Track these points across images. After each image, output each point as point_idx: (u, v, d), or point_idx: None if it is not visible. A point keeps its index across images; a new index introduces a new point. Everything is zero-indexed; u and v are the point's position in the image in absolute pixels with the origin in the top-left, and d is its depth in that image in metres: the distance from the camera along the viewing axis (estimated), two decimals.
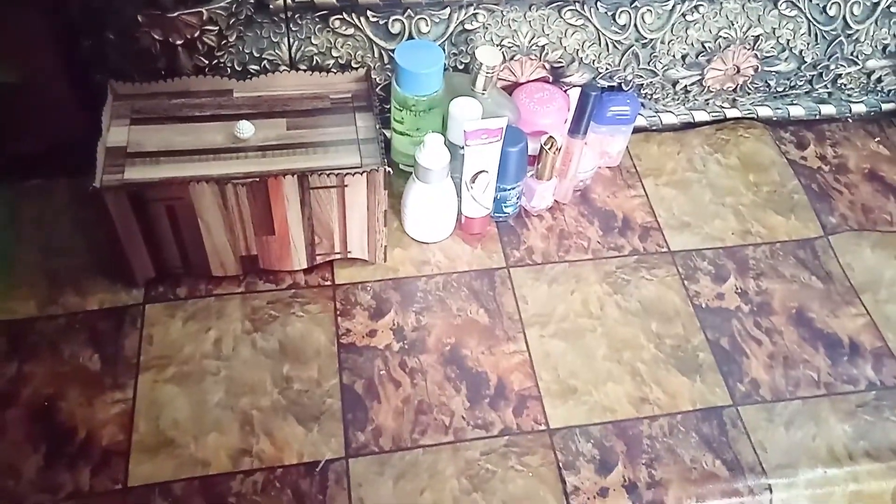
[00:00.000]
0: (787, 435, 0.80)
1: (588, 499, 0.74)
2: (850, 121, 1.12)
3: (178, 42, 0.82)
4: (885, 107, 1.12)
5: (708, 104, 1.07)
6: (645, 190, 1.01)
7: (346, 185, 0.80)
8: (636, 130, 1.05)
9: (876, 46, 1.02)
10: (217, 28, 0.83)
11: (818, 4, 0.97)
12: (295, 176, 0.78)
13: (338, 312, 0.86)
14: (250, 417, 0.77)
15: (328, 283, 0.88)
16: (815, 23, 0.98)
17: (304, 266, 0.88)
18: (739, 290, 0.91)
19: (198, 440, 0.76)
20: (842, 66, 1.04)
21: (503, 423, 0.79)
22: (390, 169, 0.80)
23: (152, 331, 0.83)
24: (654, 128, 1.07)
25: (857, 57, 1.03)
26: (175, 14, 0.80)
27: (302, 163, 0.80)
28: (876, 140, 1.10)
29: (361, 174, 0.79)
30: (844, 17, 0.98)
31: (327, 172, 0.78)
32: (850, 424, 0.81)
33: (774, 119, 1.10)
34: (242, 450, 0.75)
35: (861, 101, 1.11)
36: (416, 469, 0.75)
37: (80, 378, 0.79)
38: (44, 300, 0.84)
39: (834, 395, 0.83)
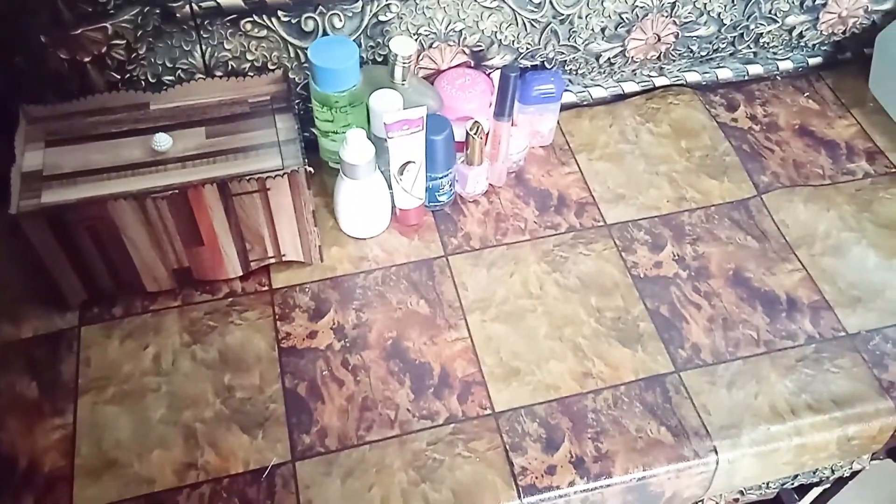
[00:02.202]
0: (730, 396, 0.81)
1: (536, 478, 0.75)
2: (779, 78, 1.12)
3: (86, 59, 0.81)
4: (811, 61, 1.13)
5: (636, 74, 1.07)
6: (579, 166, 1.01)
7: (269, 189, 0.79)
8: (568, 107, 1.06)
9: (793, 2, 1.03)
10: (125, 41, 0.82)
11: None
12: (214, 184, 0.77)
13: (277, 317, 0.85)
14: (194, 430, 0.77)
15: (265, 288, 0.88)
16: None
17: (240, 273, 0.87)
18: (677, 257, 0.92)
19: (142, 458, 0.75)
20: (762, 24, 1.04)
21: (448, 411, 0.79)
22: (311, 168, 0.79)
23: (89, 353, 0.82)
24: (584, 103, 1.07)
25: (775, 14, 1.03)
26: (78, 31, 0.79)
27: (223, 170, 0.79)
28: (805, 95, 1.11)
29: (282, 176, 0.78)
30: None
31: (247, 178, 0.78)
32: (791, 379, 0.82)
33: (704, 84, 1.10)
34: (187, 463, 0.75)
35: (787, 58, 1.11)
36: (364, 465, 0.75)
37: (18, 407, 0.78)
38: None
39: (774, 352, 0.84)
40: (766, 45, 1.08)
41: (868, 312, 0.88)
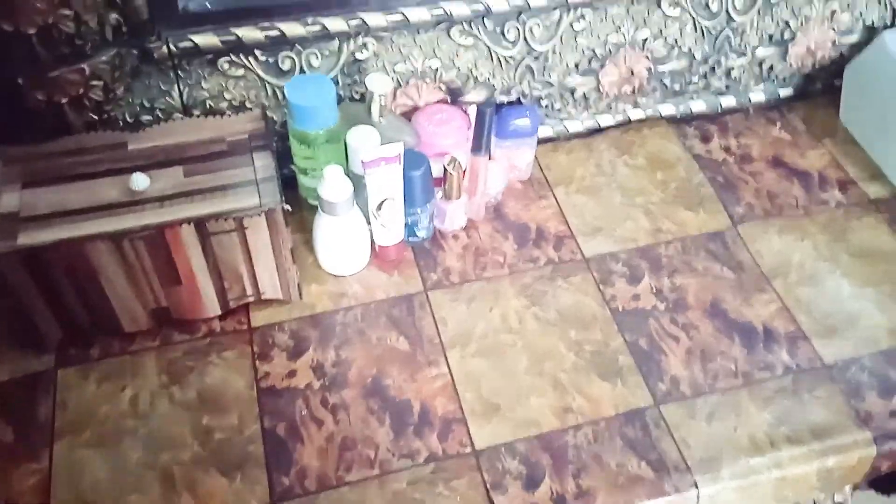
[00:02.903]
0: (710, 429, 0.81)
1: None
2: (751, 111, 1.14)
3: (64, 100, 0.81)
4: (782, 92, 1.15)
5: (611, 108, 1.09)
6: (556, 199, 1.02)
7: (247, 228, 0.79)
8: (545, 141, 1.07)
9: (762, 36, 1.05)
10: (102, 82, 0.82)
11: (701, 1, 0.99)
12: (192, 224, 0.77)
13: (256, 356, 0.85)
14: (171, 473, 0.76)
15: (244, 327, 0.87)
16: (699, 19, 1.00)
17: (219, 312, 0.87)
18: (654, 289, 0.93)
19: (119, 503, 0.74)
20: (732, 58, 1.06)
21: (428, 449, 0.79)
22: (289, 206, 0.80)
23: (66, 395, 0.81)
24: (561, 137, 1.08)
25: (745, 48, 1.05)
26: (56, 73, 0.79)
27: (201, 209, 0.79)
28: (777, 126, 1.13)
29: (260, 215, 0.79)
30: (727, 11, 1.01)
31: (224, 217, 0.78)
32: (770, 411, 0.82)
33: (678, 116, 1.12)
34: None
35: (759, 90, 1.13)
36: None
37: None
38: None
39: (752, 384, 0.85)
40: (737, 78, 1.10)
41: (844, 342, 0.89)
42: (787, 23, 1.04)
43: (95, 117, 0.84)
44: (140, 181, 0.80)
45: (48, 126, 0.83)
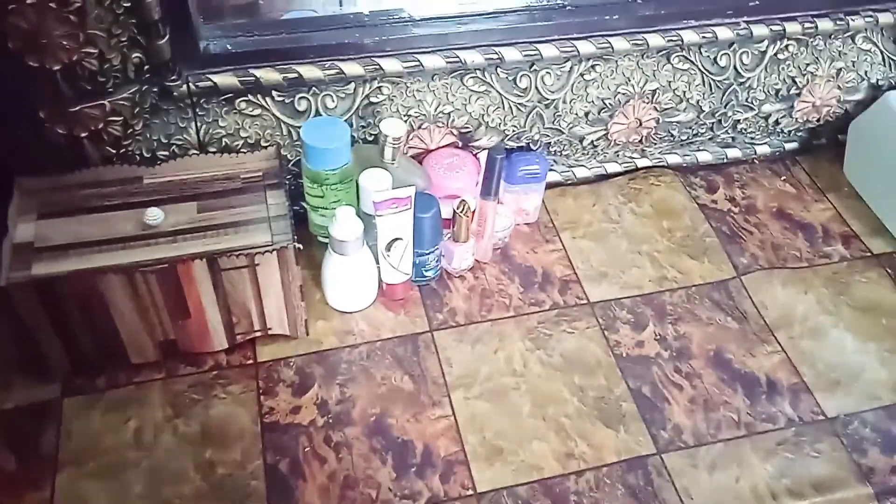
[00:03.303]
0: (711, 479, 0.81)
1: None
2: (756, 162, 1.16)
3: (83, 135, 0.83)
4: (787, 146, 1.16)
5: (618, 156, 1.10)
6: (563, 243, 1.03)
7: (258, 264, 0.81)
8: (552, 185, 1.08)
9: (769, 91, 1.07)
10: (122, 118, 0.84)
11: (709, 56, 1.01)
12: (204, 259, 0.78)
13: (261, 391, 0.86)
14: None
15: (250, 361, 0.88)
16: (707, 73, 1.02)
17: (225, 346, 0.88)
18: (658, 337, 0.93)
19: None
20: (739, 112, 1.08)
21: (430, 491, 0.79)
22: (300, 245, 0.81)
23: (70, 426, 0.82)
24: (568, 182, 1.10)
25: (752, 103, 1.07)
26: (77, 108, 0.80)
27: (213, 245, 0.81)
28: (782, 179, 1.14)
29: (271, 252, 0.80)
30: (735, 67, 1.03)
31: (236, 253, 0.79)
32: (772, 463, 0.83)
33: (684, 165, 1.14)
34: None
35: (764, 143, 1.15)
36: None
37: None
38: None
39: (754, 435, 0.85)
40: (743, 131, 1.12)
41: (847, 396, 0.89)
42: (793, 79, 1.06)
43: (113, 151, 0.86)
44: (155, 215, 0.82)
45: (66, 159, 0.85)
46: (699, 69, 1.02)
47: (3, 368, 0.85)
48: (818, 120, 1.13)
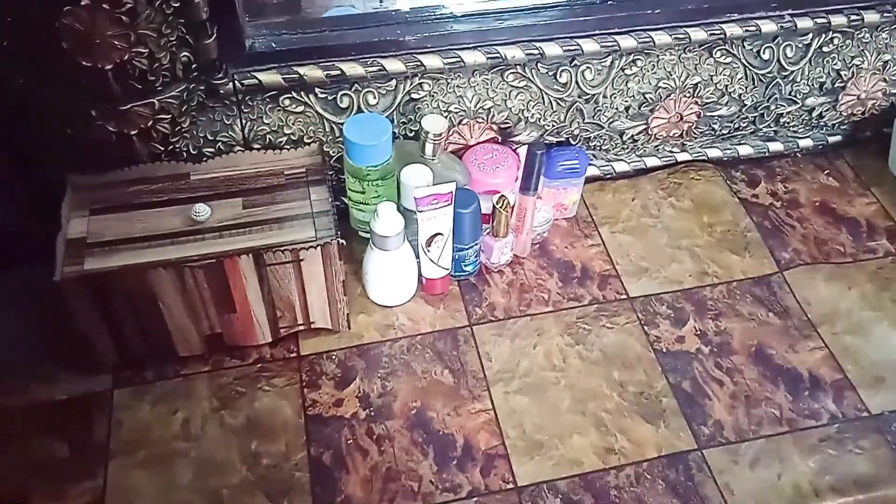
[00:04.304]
0: (753, 475, 0.81)
1: None
2: (799, 156, 1.14)
3: (133, 132, 0.85)
4: (831, 140, 1.15)
5: (658, 150, 1.10)
6: (602, 238, 1.03)
7: (302, 260, 0.82)
8: (591, 180, 1.08)
9: (812, 85, 1.06)
10: (170, 116, 0.85)
11: (752, 50, 1.00)
12: (250, 255, 0.80)
13: (304, 384, 0.87)
14: (220, 497, 0.78)
15: (294, 354, 0.90)
16: (750, 67, 1.01)
17: (269, 340, 0.89)
18: (699, 332, 0.93)
19: None
20: (782, 105, 1.07)
21: (471, 484, 0.80)
22: (343, 240, 0.82)
23: (121, 416, 0.84)
24: (607, 176, 1.10)
25: (795, 96, 1.06)
26: (127, 106, 0.82)
27: (258, 240, 0.82)
28: (825, 172, 1.13)
29: (315, 248, 0.81)
30: (779, 60, 1.02)
31: (282, 249, 0.80)
32: (814, 460, 0.82)
33: (725, 159, 1.13)
34: None
35: (807, 137, 1.14)
36: None
37: (49, 469, 0.80)
38: (6, 392, 0.85)
39: (797, 432, 0.84)
40: (786, 125, 1.10)
41: (891, 392, 0.88)
42: (838, 72, 1.05)
43: (161, 148, 0.88)
44: (202, 211, 0.83)
45: (116, 156, 0.87)
46: (742, 63, 1.01)
47: (54, 360, 0.87)
48: (863, 113, 1.12)
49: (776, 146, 1.13)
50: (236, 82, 0.86)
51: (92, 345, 0.84)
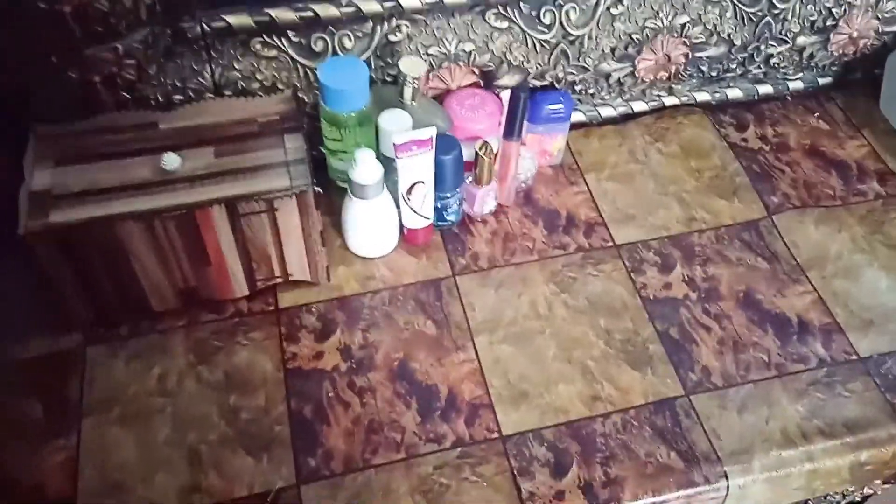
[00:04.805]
0: (741, 420, 0.80)
1: (544, 503, 0.74)
2: (789, 99, 1.12)
3: (97, 79, 0.81)
4: (821, 81, 1.12)
5: (645, 94, 1.07)
6: (588, 185, 1.01)
7: (277, 209, 0.79)
8: (576, 126, 1.05)
9: (804, 23, 1.02)
10: (135, 62, 0.82)
11: None
12: (222, 205, 0.77)
13: (283, 337, 0.85)
14: (198, 453, 0.76)
15: (272, 308, 0.87)
16: (740, 5, 0.98)
17: (246, 293, 0.87)
18: (686, 279, 0.91)
19: (146, 481, 0.74)
20: (772, 45, 1.04)
21: (455, 434, 0.78)
22: (319, 189, 0.79)
23: (94, 373, 0.82)
24: (593, 122, 1.07)
25: (786, 35, 1.03)
26: (89, 51, 0.79)
27: (231, 190, 0.79)
28: (815, 115, 1.10)
29: (290, 196, 0.78)
30: None
31: (255, 198, 0.78)
32: (803, 404, 0.81)
33: (713, 103, 1.10)
34: (191, 486, 0.74)
35: (797, 78, 1.11)
36: (369, 490, 0.74)
37: (23, 428, 0.78)
38: None
39: (785, 376, 0.83)
40: (776, 66, 1.07)
41: (880, 336, 0.87)
42: (830, 10, 1.02)
43: (127, 96, 0.84)
44: (172, 160, 0.80)
45: (80, 104, 0.83)
46: (731, 1, 0.97)
47: (25, 318, 0.85)
48: (854, 53, 1.09)
49: (766, 89, 1.10)
50: (204, 25, 0.83)
51: (63, 301, 0.81)
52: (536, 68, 0.97)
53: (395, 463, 0.76)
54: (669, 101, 1.08)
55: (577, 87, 1.02)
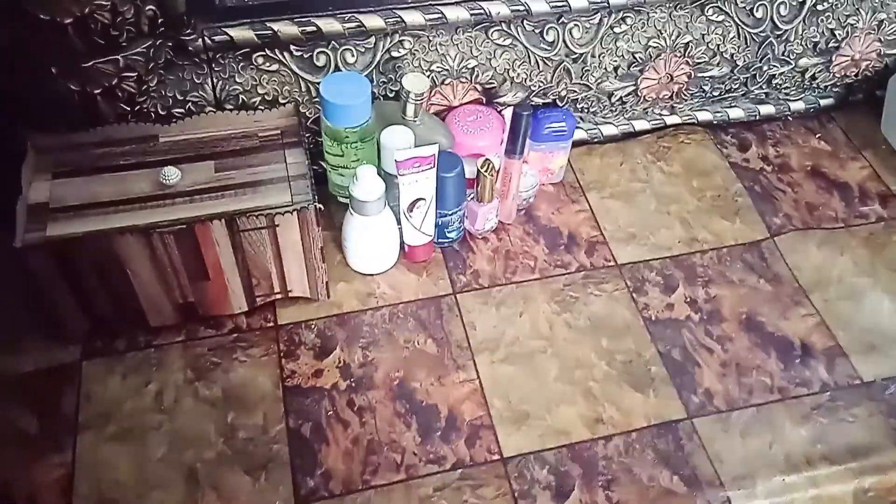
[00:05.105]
0: (744, 444, 0.79)
1: None
2: (790, 119, 1.12)
3: (96, 91, 0.80)
4: (823, 102, 1.12)
5: (647, 113, 1.07)
6: (589, 204, 1.00)
7: (278, 225, 0.78)
8: (578, 144, 1.05)
9: (806, 45, 1.02)
10: (136, 74, 0.81)
11: (745, 7, 0.97)
12: (222, 220, 0.76)
13: (282, 354, 0.84)
14: (195, 471, 0.75)
15: (271, 324, 0.86)
16: (743, 26, 0.98)
17: (245, 309, 0.86)
18: (689, 300, 0.91)
19: (141, 499, 0.73)
20: (774, 66, 1.04)
21: (456, 455, 0.77)
22: (321, 205, 0.78)
23: (90, 388, 0.81)
24: (595, 140, 1.07)
25: (788, 56, 1.03)
26: (90, 63, 0.78)
27: (232, 205, 0.79)
28: (817, 136, 1.10)
29: (291, 213, 0.77)
30: (772, 19, 0.98)
31: (256, 214, 0.77)
32: (806, 428, 0.80)
33: (715, 123, 1.10)
34: None
35: (799, 99, 1.11)
36: None
37: (18, 442, 0.76)
38: None
39: (788, 400, 0.82)
40: (778, 87, 1.07)
41: (884, 359, 0.86)
42: (832, 32, 1.02)
43: (127, 109, 0.84)
44: (171, 174, 0.80)
45: (80, 117, 0.82)
46: (734, 21, 0.97)
47: (21, 331, 0.84)
48: (856, 74, 1.09)
49: (767, 109, 1.10)
50: (206, 38, 0.82)
51: (60, 314, 0.80)
52: (539, 86, 0.97)
53: (394, 484, 0.75)
54: (671, 120, 1.08)
55: (580, 105, 1.02)
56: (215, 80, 0.86)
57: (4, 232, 0.74)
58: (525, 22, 0.91)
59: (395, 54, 0.89)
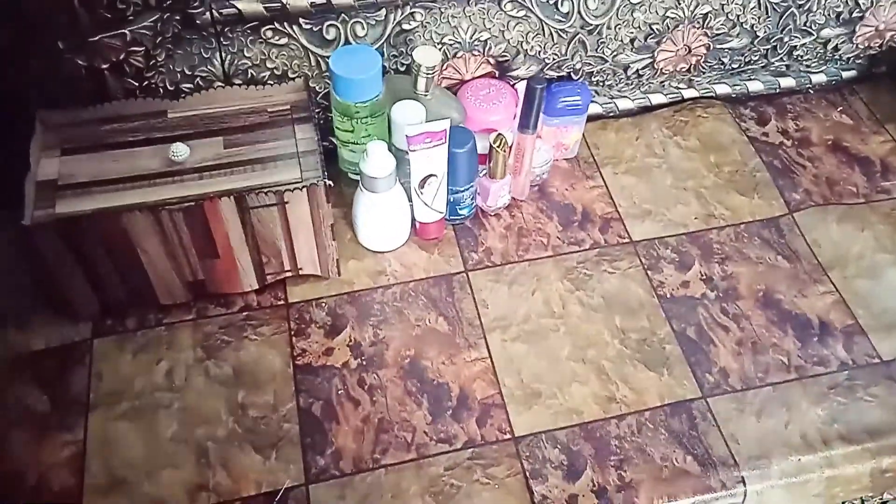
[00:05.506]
0: (759, 424, 0.78)
1: None
2: (811, 92, 1.09)
3: (104, 66, 0.79)
4: (845, 75, 1.09)
5: (664, 86, 1.04)
6: (604, 179, 0.98)
7: (287, 202, 0.77)
8: (593, 118, 1.03)
9: (829, 14, 0.99)
10: (143, 49, 0.80)
11: None
12: (232, 197, 0.75)
13: (292, 332, 0.83)
14: (206, 449, 0.75)
15: (281, 302, 0.86)
16: None
17: (255, 287, 0.85)
18: (704, 277, 0.89)
19: (152, 478, 0.73)
20: (796, 37, 1.01)
21: (467, 434, 0.77)
22: (331, 182, 0.77)
23: (101, 366, 0.80)
24: (610, 114, 1.05)
25: (810, 27, 1.00)
26: (96, 38, 0.77)
27: (241, 182, 0.78)
28: (838, 109, 1.08)
29: (301, 189, 0.76)
30: None
31: (265, 191, 0.76)
32: (823, 408, 0.79)
33: (733, 96, 1.07)
34: (198, 484, 0.73)
35: (820, 71, 1.08)
36: (379, 490, 0.73)
37: (29, 421, 0.77)
38: None
39: (805, 379, 0.81)
40: (799, 58, 1.05)
41: None
42: (856, 1, 0.98)
43: (135, 84, 0.83)
44: (181, 151, 0.79)
45: (88, 92, 0.81)
46: None
47: (31, 309, 0.84)
48: (880, 46, 1.06)
49: (788, 82, 1.07)
50: (214, 12, 0.80)
51: (69, 293, 0.80)
52: (553, 58, 0.94)
53: (405, 463, 0.74)
54: (689, 93, 1.06)
55: (595, 78, 0.99)
56: (224, 55, 0.85)
57: (13, 209, 0.74)
58: None
59: (406, 27, 0.87)
